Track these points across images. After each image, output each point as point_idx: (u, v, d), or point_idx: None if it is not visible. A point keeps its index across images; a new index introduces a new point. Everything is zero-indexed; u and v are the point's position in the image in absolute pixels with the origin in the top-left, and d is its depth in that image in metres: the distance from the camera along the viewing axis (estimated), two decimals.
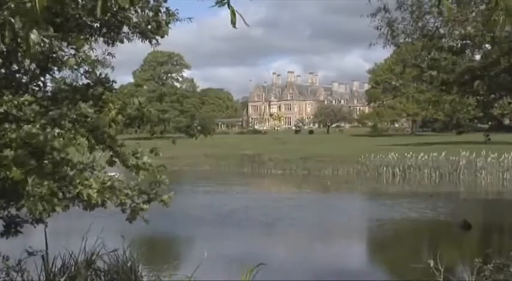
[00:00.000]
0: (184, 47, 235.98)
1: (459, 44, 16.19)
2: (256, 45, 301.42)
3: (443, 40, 16.35)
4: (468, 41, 16.20)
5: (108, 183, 6.64)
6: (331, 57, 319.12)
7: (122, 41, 8.13)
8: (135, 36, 8.15)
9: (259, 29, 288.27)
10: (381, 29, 16.91)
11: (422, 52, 17.36)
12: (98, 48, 7.96)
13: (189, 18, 8.43)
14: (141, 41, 8.18)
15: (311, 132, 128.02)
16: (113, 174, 7.11)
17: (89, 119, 6.55)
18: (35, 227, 8.29)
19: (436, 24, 16.30)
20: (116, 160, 6.99)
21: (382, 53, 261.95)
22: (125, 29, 7.99)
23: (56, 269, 10.30)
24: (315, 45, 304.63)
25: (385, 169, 52.27)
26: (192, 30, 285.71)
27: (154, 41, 8.25)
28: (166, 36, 8.17)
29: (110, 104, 6.98)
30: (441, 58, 17.10)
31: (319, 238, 21.69)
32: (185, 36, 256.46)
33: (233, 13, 2.86)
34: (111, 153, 6.98)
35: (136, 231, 11.90)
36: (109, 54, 8.20)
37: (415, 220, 25.01)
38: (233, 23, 2.89)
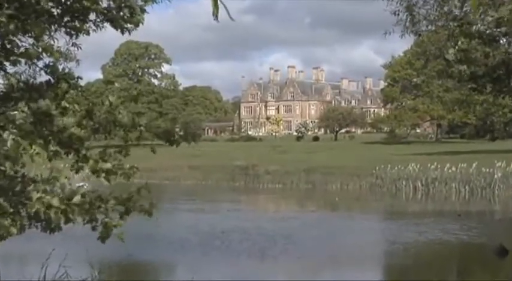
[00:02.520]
0: (162, 38, 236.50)
1: (494, 31, 16.22)
2: (248, 36, 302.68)
3: (474, 27, 16.37)
4: (503, 28, 16.23)
5: (76, 198, 6.59)
6: (336, 50, 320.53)
7: (87, 33, 8.06)
8: (104, 24, 8.09)
9: (251, 16, 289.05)
10: (398, 15, 16.95)
11: (449, 42, 17.38)
12: (59, 39, 7.91)
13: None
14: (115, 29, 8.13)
15: (316, 139, 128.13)
16: (81, 184, 7.07)
17: (52, 120, 6.50)
18: None
19: (464, 9, 16.33)
20: (83, 165, 6.94)
21: (398, 45, 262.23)
22: (92, 16, 7.93)
23: None
24: (316, 35, 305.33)
25: (404, 182, 52.24)
26: (170, 18, 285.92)
27: (126, 31, 8.18)
28: (141, 24, 8.13)
29: (76, 105, 6.95)
30: (471, 49, 17.12)
31: (326, 265, 21.66)
32: (162, 25, 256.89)
33: (215, 2, 2.78)
34: (76, 158, 6.92)
35: (106, 257, 11.87)
36: (74, 45, 8.14)
37: (440, 244, 25.00)
38: (215, 14, 2.80)
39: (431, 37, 17.82)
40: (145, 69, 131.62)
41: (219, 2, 2.83)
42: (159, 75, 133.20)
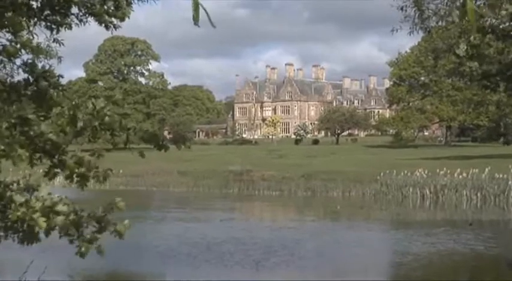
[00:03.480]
0: (149, 33, 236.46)
1: (508, 26, 16.24)
2: (241, 31, 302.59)
3: (487, 22, 16.39)
4: None
5: (59, 206, 6.57)
6: (336, 47, 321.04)
7: (69, 27, 8.04)
8: (87, 18, 8.06)
9: (244, 10, 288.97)
10: (406, 10, 16.96)
11: (460, 39, 17.38)
12: (39, 34, 7.87)
13: None
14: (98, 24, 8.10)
15: (316, 142, 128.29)
16: (56, 196, 7.05)
17: (31, 124, 6.47)
18: None
19: (478, 3, 16.35)
20: (59, 171, 6.90)
21: (404, 41, 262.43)
22: (74, 9, 7.90)
23: None
24: (315, 30, 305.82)
25: (411, 189, 52.22)
26: (158, 12, 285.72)
27: (111, 26, 8.15)
28: (127, 19, 8.10)
29: (59, 108, 6.90)
30: (483, 45, 17.13)
31: (327, 278, 21.64)
32: (149, 19, 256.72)
33: (196, 6, 2.75)
34: (50, 163, 6.88)
35: (88, 269, 11.79)
36: (55, 40, 8.10)
37: (451, 255, 25.02)
38: (195, 19, 2.77)
39: (441, 34, 17.84)
40: (132, 67, 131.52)
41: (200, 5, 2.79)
42: (146, 73, 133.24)
